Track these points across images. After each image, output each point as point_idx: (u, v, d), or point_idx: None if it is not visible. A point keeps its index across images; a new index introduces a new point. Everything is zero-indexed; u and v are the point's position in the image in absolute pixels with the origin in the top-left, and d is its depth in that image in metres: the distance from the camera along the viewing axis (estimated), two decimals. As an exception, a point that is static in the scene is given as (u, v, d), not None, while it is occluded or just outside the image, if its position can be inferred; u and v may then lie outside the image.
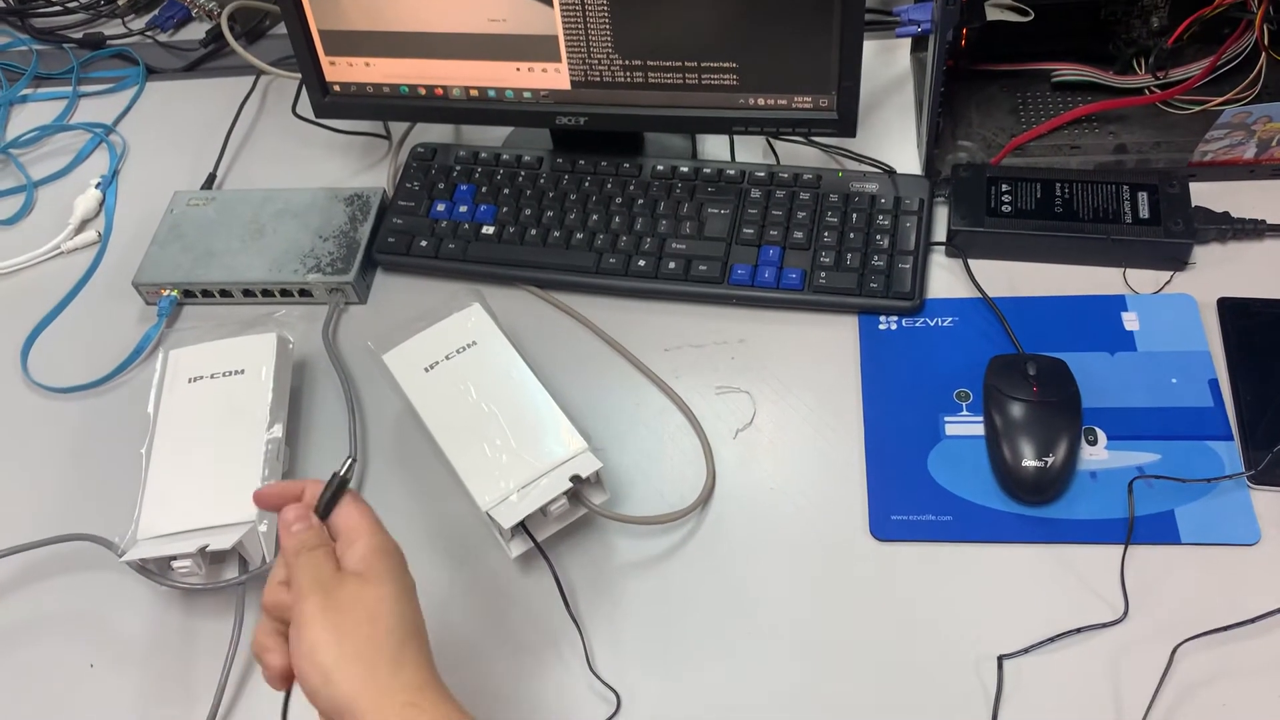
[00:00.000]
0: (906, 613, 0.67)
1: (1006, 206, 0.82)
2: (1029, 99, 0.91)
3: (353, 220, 0.90)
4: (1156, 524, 0.68)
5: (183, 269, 0.89)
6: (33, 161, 1.07)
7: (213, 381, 0.78)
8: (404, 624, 0.55)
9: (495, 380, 0.74)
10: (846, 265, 0.81)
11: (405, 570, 0.57)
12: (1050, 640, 0.65)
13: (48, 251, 0.97)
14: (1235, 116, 0.80)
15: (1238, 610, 0.64)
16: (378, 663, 0.52)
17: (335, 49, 0.88)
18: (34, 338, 0.90)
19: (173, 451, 0.75)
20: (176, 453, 0.75)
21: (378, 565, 0.56)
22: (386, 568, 0.56)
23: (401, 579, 0.56)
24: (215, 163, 1.01)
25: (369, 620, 0.53)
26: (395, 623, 0.54)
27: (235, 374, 0.78)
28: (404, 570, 0.57)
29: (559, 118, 0.87)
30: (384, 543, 0.57)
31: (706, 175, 0.88)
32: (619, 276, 0.84)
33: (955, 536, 0.70)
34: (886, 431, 0.75)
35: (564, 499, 0.69)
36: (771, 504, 0.73)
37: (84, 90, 1.13)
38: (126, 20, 1.19)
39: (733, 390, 0.79)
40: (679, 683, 0.67)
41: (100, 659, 0.71)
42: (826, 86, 0.81)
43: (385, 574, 0.56)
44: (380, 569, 0.56)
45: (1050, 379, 0.72)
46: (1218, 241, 0.81)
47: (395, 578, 0.56)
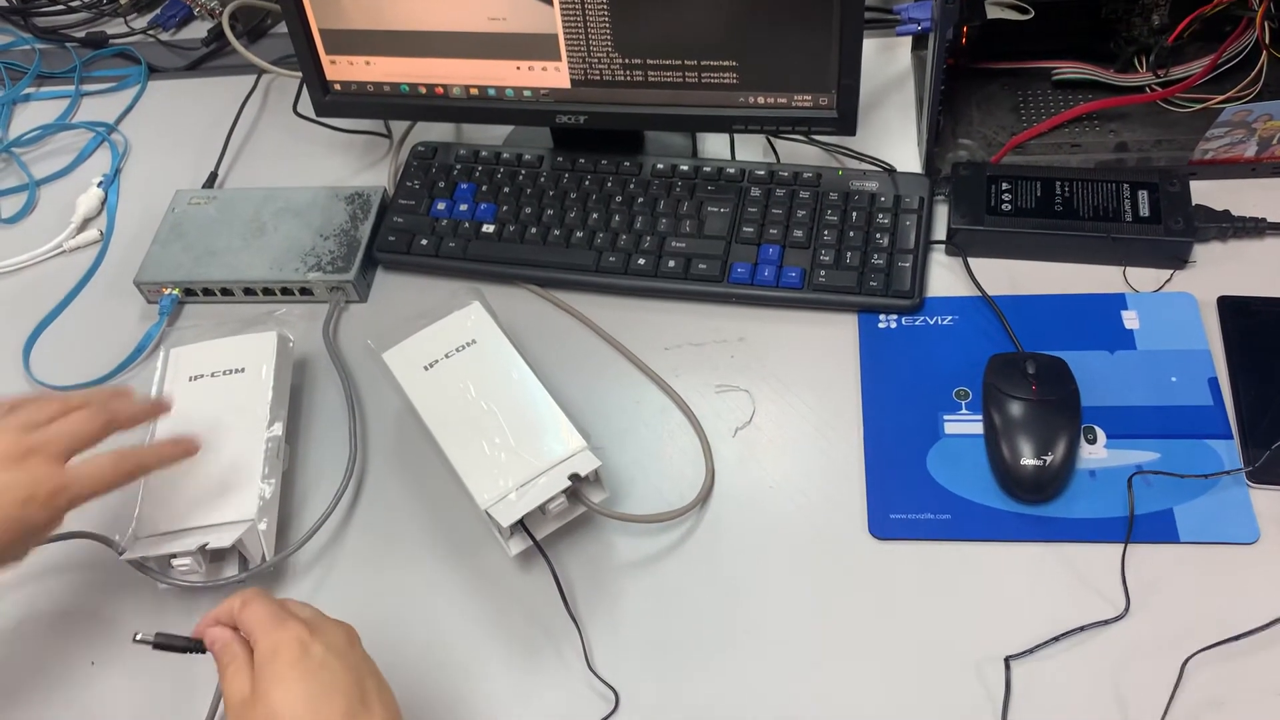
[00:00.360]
0: (905, 611, 0.67)
1: (1006, 205, 0.82)
2: (1030, 97, 0.91)
3: (353, 219, 0.90)
4: (1155, 522, 0.68)
5: (184, 268, 0.89)
6: (35, 160, 1.07)
7: (213, 380, 0.78)
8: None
9: (494, 378, 0.74)
10: (846, 264, 0.81)
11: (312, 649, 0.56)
12: (1053, 640, 0.65)
13: (50, 250, 0.98)
14: (1236, 115, 0.79)
15: (1238, 609, 0.64)
16: None
17: (336, 48, 0.88)
18: (36, 336, 0.90)
19: None
20: None
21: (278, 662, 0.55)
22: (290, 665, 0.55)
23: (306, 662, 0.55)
24: (217, 161, 1.01)
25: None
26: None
27: (235, 372, 0.78)
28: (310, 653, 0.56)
29: (559, 116, 0.87)
30: (260, 655, 0.56)
31: (706, 174, 0.88)
32: (619, 275, 0.84)
33: (954, 535, 0.70)
34: (886, 430, 0.75)
35: (563, 497, 0.69)
36: (770, 502, 0.73)
37: (86, 89, 1.13)
38: (129, 19, 1.19)
39: (732, 389, 0.79)
40: (677, 681, 0.67)
41: (101, 657, 0.72)
42: (826, 85, 0.81)
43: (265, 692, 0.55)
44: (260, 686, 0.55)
45: (1049, 377, 0.72)
46: (1218, 240, 0.81)
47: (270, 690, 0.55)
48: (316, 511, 0.75)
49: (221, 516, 0.71)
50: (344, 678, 0.55)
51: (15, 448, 0.61)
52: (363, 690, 0.55)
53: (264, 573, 0.73)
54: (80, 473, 0.63)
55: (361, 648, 0.59)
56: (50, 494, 0.61)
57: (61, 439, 0.63)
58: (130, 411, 0.68)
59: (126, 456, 0.66)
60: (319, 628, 0.57)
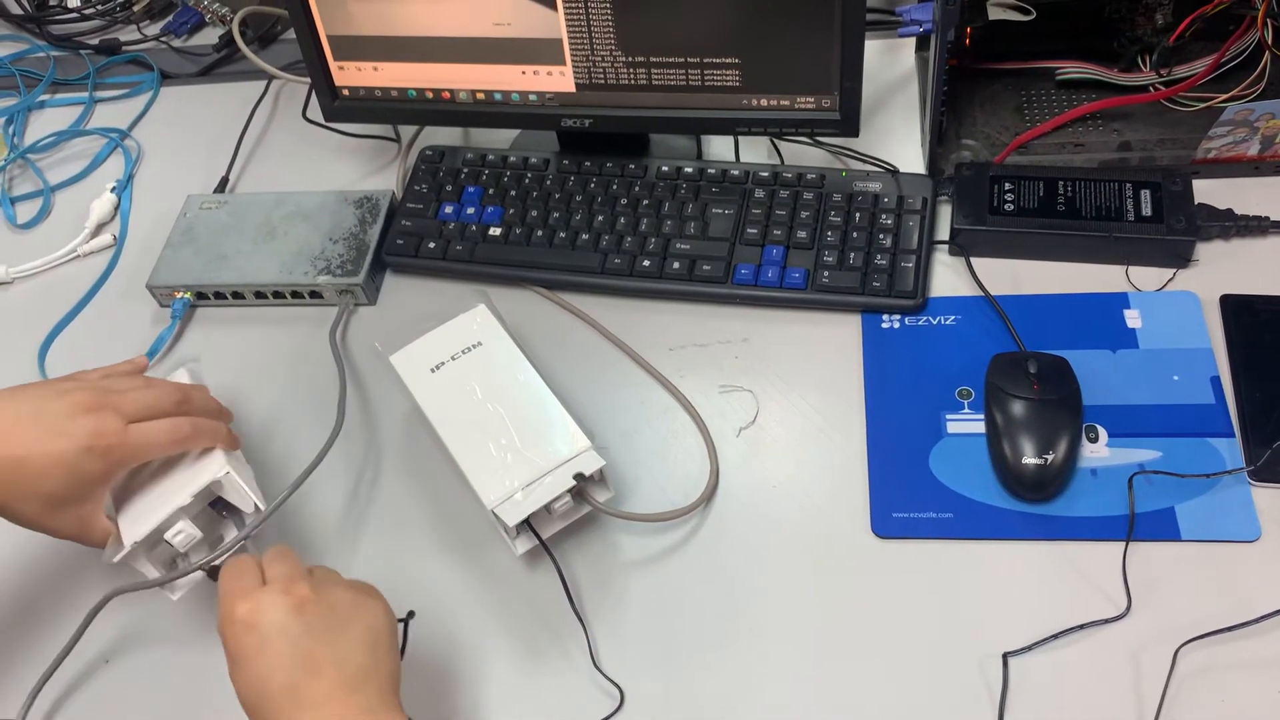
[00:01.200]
0: (908, 610, 0.68)
1: (1009, 205, 0.82)
2: (1033, 97, 0.91)
3: (362, 222, 0.91)
4: (1157, 520, 0.69)
5: (195, 271, 0.90)
6: (50, 166, 1.08)
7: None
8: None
9: (500, 380, 0.75)
10: (849, 264, 0.82)
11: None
12: (1054, 637, 0.65)
13: (65, 255, 0.99)
14: (1238, 114, 0.80)
15: (1239, 607, 0.64)
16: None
17: (344, 54, 0.89)
18: (51, 340, 0.92)
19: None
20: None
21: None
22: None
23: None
24: (228, 166, 1.02)
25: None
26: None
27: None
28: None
29: (564, 120, 0.88)
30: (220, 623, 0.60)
31: (711, 175, 0.88)
32: (624, 277, 0.85)
33: (956, 534, 0.70)
34: (888, 429, 0.75)
35: (568, 497, 0.70)
36: (774, 502, 0.74)
37: (100, 96, 1.14)
38: (141, 26, 1.21)
39: (736, 389, 0.80)
40: (682, 678, 0.67)
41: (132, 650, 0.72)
42: (829, 87, 0.82)
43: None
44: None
45: (1051, 377, 0.73)
46: (1221, 239, 0.81)
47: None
48: (321, 511, 0.77)
49: (194, 486, 0.69)
50: (286, 655, 0.57)
51: (89, 400, 0.66)
52: (312, 659, 0.57)
53: (264, 523, 0.70)
54: (139, 430, 0.67)
55: (354, 617, 0.60)
56: (108, 446, 0.65)
57: (133, 401, 0.68)
58: (204, 401, 0.73)
59: (181, 424, 0.69)
60: (300, 600, 0.59)
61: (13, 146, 1.10)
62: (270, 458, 0.81)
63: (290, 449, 0.81)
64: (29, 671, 0.72)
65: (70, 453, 0.64)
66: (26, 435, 0.64)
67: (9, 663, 0.74)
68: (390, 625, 0.61)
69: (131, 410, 0.67)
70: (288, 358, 0.87)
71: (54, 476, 0.64)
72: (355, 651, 0.58)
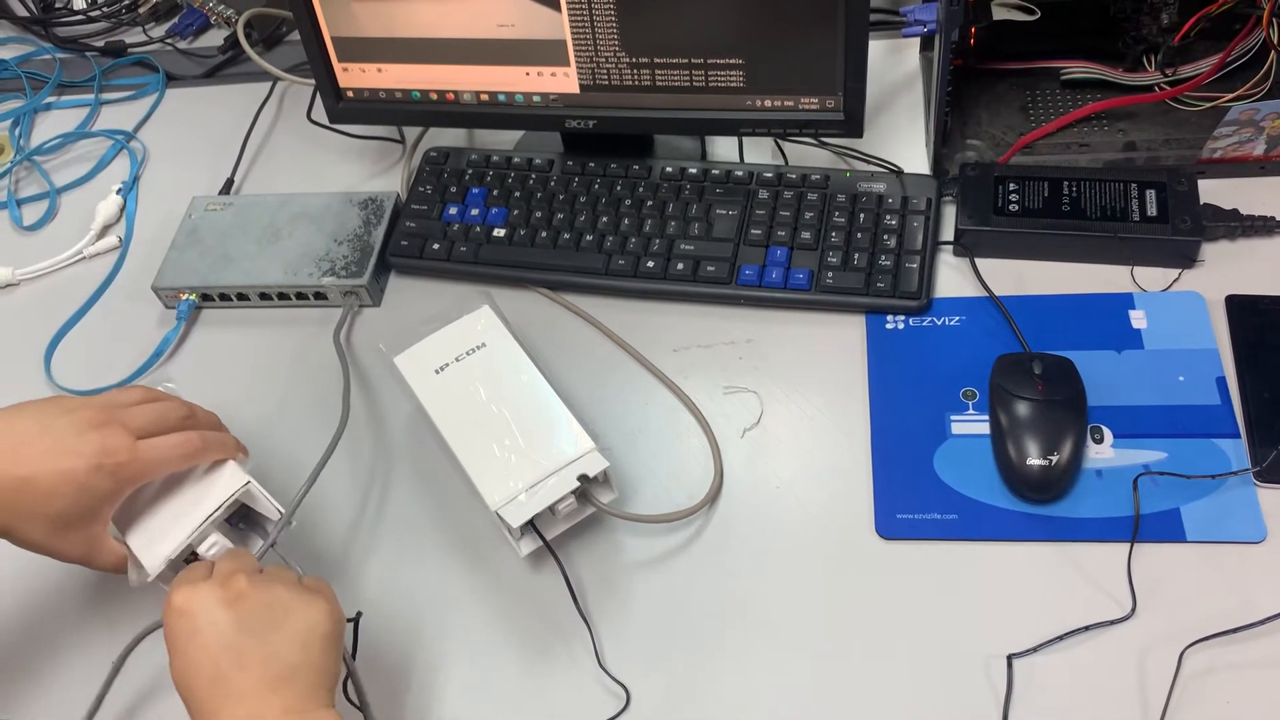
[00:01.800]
0: (913, 611, 0.68)
1: (1014, 205, 0.82)
2: (1038, 97, 0.91)
3: (366, 224, 0.92)
4: (1162, 522, 0.68)
5: (200, 273, 0.91)
6: (56, 168, 1.09)
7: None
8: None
9: (504, 381, 0.75)
10: (854, 265, 0.82)
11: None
12: (1059, 639, 0.65)
13: (70, 257, 0.99)
14: (1243, 113, 0.79)
15: (1245, 608, 0.64)
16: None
17: (348, 55, 0.89)
18: (57, 341, 0.92)
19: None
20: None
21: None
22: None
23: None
24: (233, 168, 1.02)
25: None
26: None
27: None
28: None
29: (568, 121, 0.88)
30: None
31: (715, 176, 0.88)
32: (628, 278, 0.85)
33: (961, 535, 0.70)
34: (893, 430, 0.75)
35: (572, 498, 0.70)
36: (778, 503, 0.74)
37: (105, 98, 1.14)
38: (147, 28, 1.21)
39: (740, 390, 0.80)
40: (687, 678, 0.67)
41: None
42: (833, 88, 0.82)
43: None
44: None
45: (1056, 377, 0.73)
46: (1226, 239, 0.81)
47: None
48: (326, 513, 0.77)
49: (216, 500, 0.68)
50: (214, 646, 0.58)
51: (95, 416, 0.65)
52: (239, 653, 0.57)
53: (289, 530, 0.70)
54: (148, 446, 0.65)
55: (290, 615, 0.60)
56: (118, 464, 0.64)
57: (140, 418, 0.67)
58: (208, 414, 0.72)
59: (191, 438, 0.68)
60: (236, 594, 0.59)
61: (19, 148, 1.10)
62: (275, 459, 0.80)
63: (294, 450, 0.81)
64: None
65: (79, 471, 0.62)
66: (33, 454, 0.62)
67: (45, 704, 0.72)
68: (331, 625, 0.60)
69: (139, 425, 0.66)
70: (292, 359, 0.87)
71: (62, 496, 0.62)
72: (286, 649, 0.58)
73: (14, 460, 0.62)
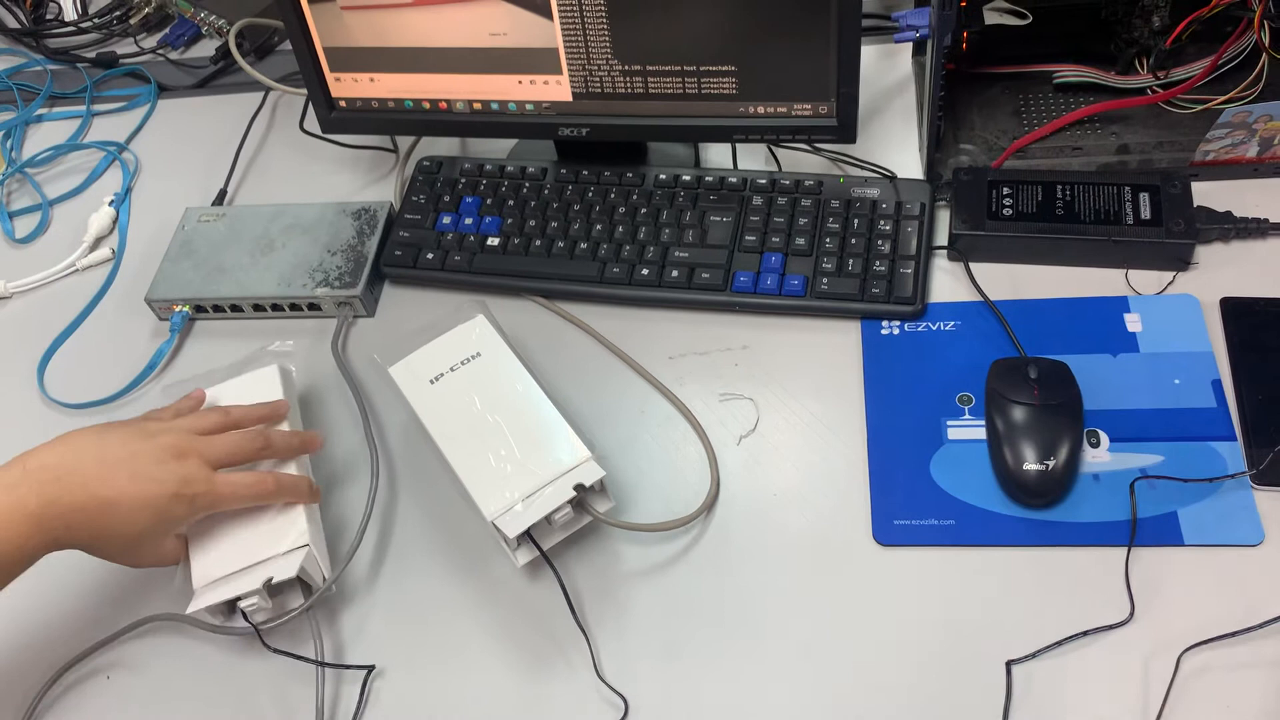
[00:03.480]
0: (911, 617, 0.68)
1: (1008, 209, 0.82)
2: (1031, 101, 0.91)
3: (360, 234, 0.91)
4: (1160, 525, 0.68)
5: (194, 285, 0.90)
6: (48, 180, 1.08)
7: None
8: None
9: (499, 391, 0.75)
10: (848, 271, 0.82)
11: None
12: (1057, 644, 0.65)
13: (63, 269, 0.99)
14: (1235, 116, 0.80)
15: (1243, 611, 0.64)
16: None
17: (340, 65, 0.89)
18: (50, 354, 0.92)
19: None
20: None
21: None
22: None
23: None
24: (226, 179, 1.02)
25: None
26: None
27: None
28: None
29: (561, 129, 0.88)
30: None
31: (709, 183, 0.88)
32: (623, 285, 0.85)
33: (958, 540, 0.70)
34: (889, 436, 0.75)
35: (568, 507, 0.70)
36: (775, 510, 0.74)
37: (97, 109, 1.14)
38: (138, 39, 1.21)
39: (736, 397, 0.80)
40: (685, 687, 0.67)
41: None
42: (825, 94, 0.82)
43: None
44: None
45: (1052, 382, 0.73)
46: (1220, 241, 0.81)
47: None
48: (331, 524, 0.76)
49: (275, 549, 0.71)
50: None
51: (179, 445, 0.69)
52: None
53: (329, 597, 0.73)
54: (224, 482, 0.69)
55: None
56: (195, 494, 0.68)
57: (220, 450, 0.70)
58: (286, 442, 0.75)
59: (266, 482, 0.71)
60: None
61: (10, 161, 1.10)
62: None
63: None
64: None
65: (160, 498, 0.66)
66: (118, 478, 0.66)
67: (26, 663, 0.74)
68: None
69: (217, 456, 0.70)
70: (287, 370, 0.87)
71: (141, 519, 0.66)
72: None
73: (102, 483, 0.65)
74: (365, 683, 0.70)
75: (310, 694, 0.69)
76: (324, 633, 0.71)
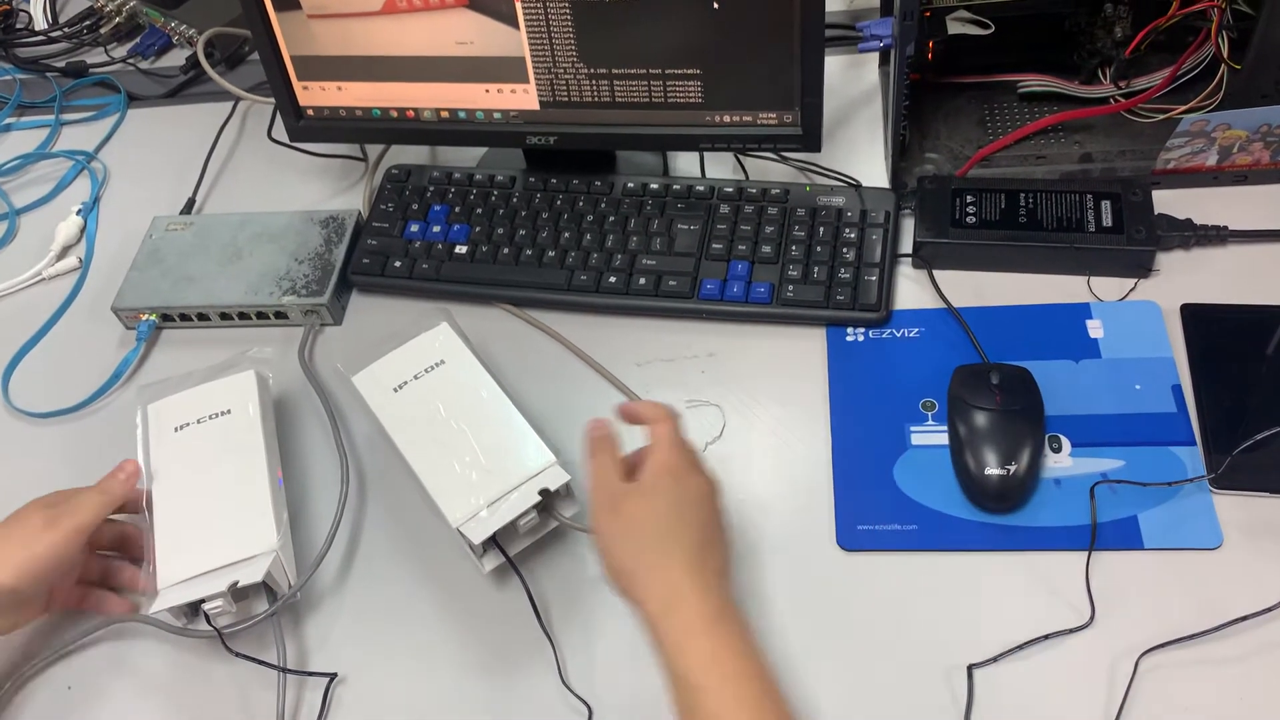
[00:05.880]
0: (874, 622, 0.68)
1: (971, 217, 0.83)
2: (995, 110, 0.92)
3: (328, 242, 0.91)
4: (1120, 529, 0.69)
5: (161, 293, 0.90)
6: (16, 189, 1.08)
7: (200, 426, 0.77)
8: (670, 532, 0.62)
9: (464, 398, 0.75)
10: (814, 278, 0.82)
11: (685, 483, 0.64)
12: (1018, 648, 0.65)
13: (29, 278, 0.98)
14: (1194, 124, 0.80)
15: (1202, 613, 0.65)
16: (640, 562, 0.62)
17: (308, 74, 0.89)
18: (15, 363, 0.91)
19: (174, 499, 0.74)
20: (178, 500, 0.74)
21: (656, 483, 0.64)
22: (664, 486, 0.64)
23: (675, 493, 0.64)
24: (194, 187, 1.02)
25: (638, 528, 0.63)
26: (661, 529, 0.62)
27: (222, 415, 0.78)
28: (681, 484, 0.64)
29: (529, 137, 0.88)
30: (667, 459, 0.65)
31: (676, 192, 0.89)
32: (590, 293, 0.85)
33: (921, 545, 0.70)
34: (853, 442, 0.76)
35: (534, 513, 0.70)
36: (740, 514, 0.74)
37: (66, 118, 1.14)
38: (109, 48, 1.21)
39: (702, 403, 0.80)
40: (650, 692, 0.66)
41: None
42: (790, 103, 0.82)
43: (660, 491, 0.64)
44: (657, 486, 0.64)
45: (1014, 388, 0.73)
46: (1181, 248, 0.82)
47: (667, 491, 0.64)
48: (297, 533, 0.76)
49: (243, 552, 0.71)
50: (706, 511, 0.64)
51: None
52: (717, 529, 0.65)
53: (294, 603, 0.73)
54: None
55: (716, 502, 0.66)
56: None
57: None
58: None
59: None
60: (693, 469, 0.65)
61: (-22, 170, 1.09)
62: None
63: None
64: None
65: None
66: None
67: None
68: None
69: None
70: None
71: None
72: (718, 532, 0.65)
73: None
74: (327, 690, 0.69)
75: (272, 699, 0.68)
76: (288, 638, 0.71)
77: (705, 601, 0.60)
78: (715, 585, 0.61)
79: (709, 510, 0.64)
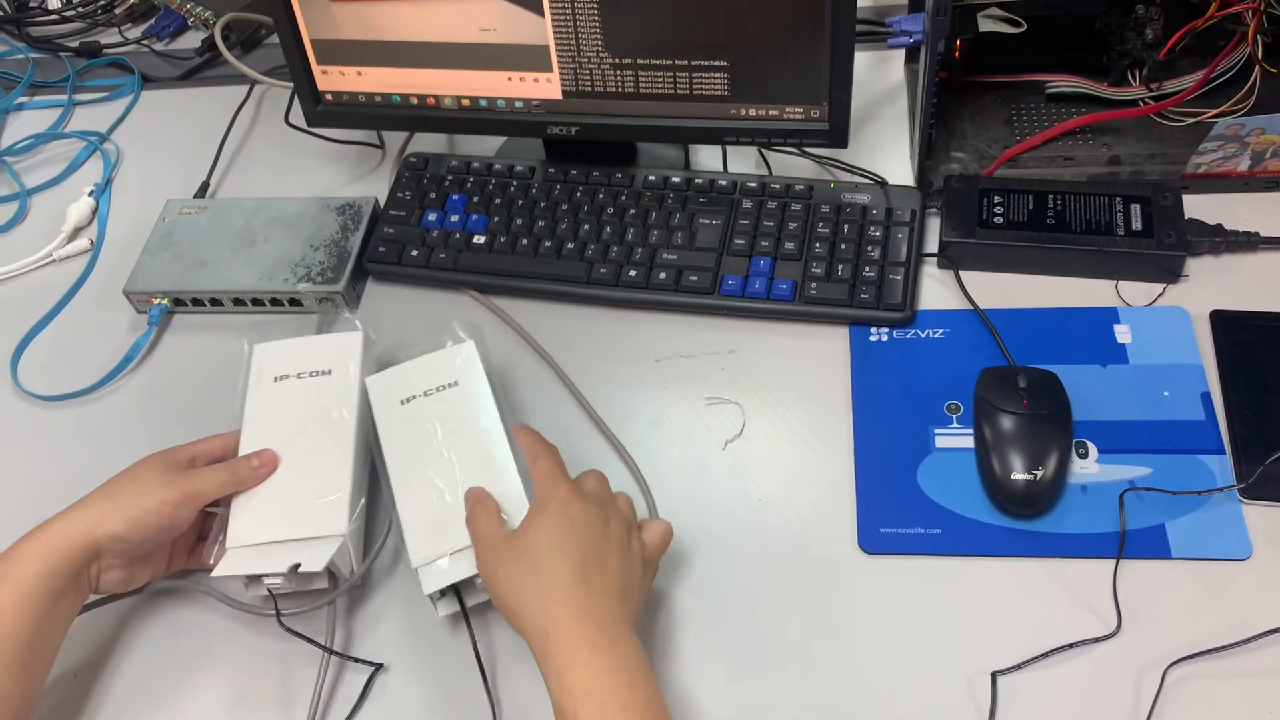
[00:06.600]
0: (896, 627, 0.67)
1: (998, 218, 0.82)
2: (1023, 110, 0.91)
3: (344, 229, 0.90)
4: (1147, 538, 0.68)
5: (173, 277, 0.89)
6: (27, 169, 1.07)
7: (299, 381, 0.75)
8: (545, 563, 0.61)
9: (464, 425, 0.72)
10: (837, 276, 0.81)
11: (566, 513, 0.63)
12: (1043, 655, 0.64)
13: (40, 259, 0.97)
14: (1228, 129, 0.79)
15: (1230, 626, 0.64)
16: (519, 597, 0.61)
17: (327, 58, 0.88)
18: (24, 345, 0.90)
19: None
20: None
21: (531, 520, 0.63)
22: (539, 520, 0.63)
23: (555, 523, 0.62)
24: (209, 171, 1.01)
25: (514, 564, 0.62)
26: (538, 561, 0.61)
27: (322, 374, 0.76)
28: (563, 514, 0.63)
29: (551, 127, 0.87)
30: (545, 494, 0.64)
31: (698, 185, 0.88)
32: (609, 287, 0.84)
33: (944, 550, 0.69)
34: (876, 443, 0.74)
35: None
36: (760, 516, 0.73)
37: (79, 99, 1.13)
38: (123, 29, 1.19)
39: (722, 401, 0.79)
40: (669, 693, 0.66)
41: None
42: (818, 97, 0.81)
43: (535, 524, 0.63)
44: (531, 522, 0.63)
45: (1041, 392, 0.72)
46: (1211, 254, 0.81)
47: (544, 524, 0.63)
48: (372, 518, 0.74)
49: (313, 529, 0.69)
50: (586, 537, 0.62)
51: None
52: (601, 554, 0.62)
53: (355, 589, 0.71)
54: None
55: (620, 525, 0.64)
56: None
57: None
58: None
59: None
60: (585, 496, 0.64)
61: (-11, 149, 1.08)
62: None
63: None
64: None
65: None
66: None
67: None
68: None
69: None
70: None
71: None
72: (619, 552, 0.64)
73: None
74: (370, 679, 0.68)
75: (312, 677, 0.67)
76: (339, 622, 0.70)
77: (582, 629, 0.58)
78: (598, 609, 0.59)
79: (594, 534, 0.62)
